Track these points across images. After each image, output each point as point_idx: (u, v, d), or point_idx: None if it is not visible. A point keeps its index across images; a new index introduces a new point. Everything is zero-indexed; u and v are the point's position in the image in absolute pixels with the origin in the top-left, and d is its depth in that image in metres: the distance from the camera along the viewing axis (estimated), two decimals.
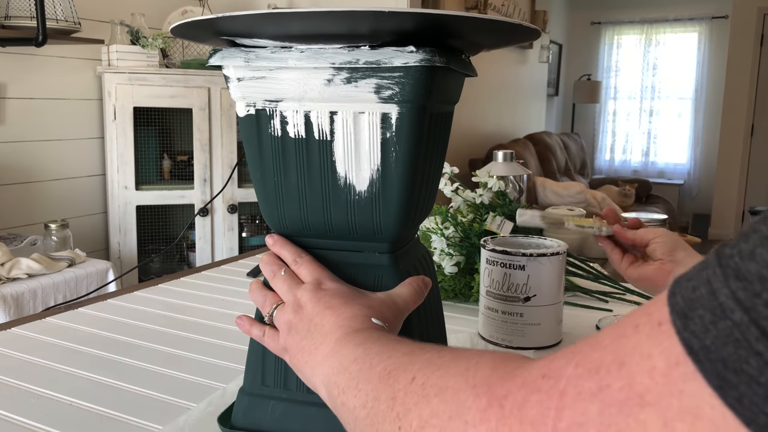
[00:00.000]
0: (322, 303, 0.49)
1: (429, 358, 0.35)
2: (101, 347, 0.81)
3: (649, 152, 6.74)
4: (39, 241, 2.12)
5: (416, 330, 0.56)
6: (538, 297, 0.79)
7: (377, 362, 0.38)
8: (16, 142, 2.41)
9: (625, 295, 1.02)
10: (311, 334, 0.48)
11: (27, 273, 1.86)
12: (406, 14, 0.44)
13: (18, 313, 1.76)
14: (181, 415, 0.62)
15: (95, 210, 2.71)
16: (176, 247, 2.89)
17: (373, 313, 0.48)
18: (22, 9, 2.19)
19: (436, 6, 3.76)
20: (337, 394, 0.41)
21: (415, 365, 0.35)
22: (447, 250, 0.97)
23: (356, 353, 0.41)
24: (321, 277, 0.52)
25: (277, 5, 2.96)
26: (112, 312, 0.95)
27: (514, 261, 0.78)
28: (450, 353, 0.35)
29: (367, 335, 0.44)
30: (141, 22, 2.65)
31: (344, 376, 0.41)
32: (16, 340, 0.83)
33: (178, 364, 0.76)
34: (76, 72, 2.58)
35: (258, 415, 0.57)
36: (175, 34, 0.52)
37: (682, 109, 6.50)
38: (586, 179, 5.94)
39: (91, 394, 0.68)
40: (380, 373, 0.37)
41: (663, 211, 4.91)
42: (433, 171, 0.58)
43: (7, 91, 2.36)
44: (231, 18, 0.46)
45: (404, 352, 0.38)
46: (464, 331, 0.86)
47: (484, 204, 1.06)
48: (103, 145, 2.69)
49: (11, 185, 2.40)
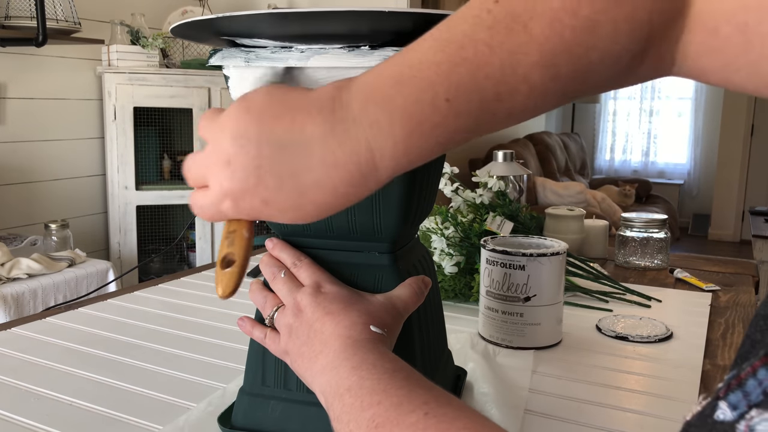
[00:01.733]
0: (321, 308, 0.49)
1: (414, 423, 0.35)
2: (101, 347, 0.81)
3: (649, 152, 6.74)
4: (39, 241, 2.12)
5: (416, 330, 0.56)
6: (538, 297, 0.79)
7: (367, 405, 0.39)
8: (16, 142, 2.41)
9: (625, 295, 1.02)
10: (311, 340, 0.48)
11: (27, 273, 1.86)
12: (406, 14, 0.44)
13: (18, 313, 1.76)
14: (181, 415, 0.62)
15: (95, 210, 2.71)
16: (176, 247, 2.89)
17: (372, 320, 0.48)
18: (22, 9, 2.19)
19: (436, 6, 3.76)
20: (333, 416, 0.41)
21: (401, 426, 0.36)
22: (447, 250, 0.97)
23: (350, 381, 0.42)
24: (320, 280, 0.52)
25: (277, 5, 2.96)
26: (112, 312, 0.95)
27: (514, 261, 0.78)
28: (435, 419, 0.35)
29: (363, 357, 0.44)
30: (141, 22, 2.65)
31: (338, 403, 0.41)
32: (16, 340, 0.83)
33: (178, 364, 0.76)
34: (76, 72, 2.58)
35: (258, 415, 0.57)
36: (175, 34, 0.52)
37: (682, 109, 6.50)
38: (586, 179, 5.94)
39: (91, 394, 0.68)
40: (368, 422, 0.37)
41: (663, 211, 4.91)
42: (433, 171, 0.58)
43: (7, 91, 2.36)
44: (231, 18, 0.46)
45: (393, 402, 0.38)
46: (464, 331, 0.86)
47: (484, 204, 1.06)
48: (103, 145, 2.69)
49: (11, 185, 2.40)
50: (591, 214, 1.49)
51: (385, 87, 0.34)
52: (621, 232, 1.25)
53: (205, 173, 0.38)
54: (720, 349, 0.82)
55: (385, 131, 0.34)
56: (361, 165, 0.35)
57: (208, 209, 0.39)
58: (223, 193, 0.37)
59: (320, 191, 0.36)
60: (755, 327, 0.26)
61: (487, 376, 0.70)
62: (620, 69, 0.33)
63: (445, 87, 0.33)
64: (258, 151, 0.36)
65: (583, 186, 4.55)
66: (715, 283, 1.10)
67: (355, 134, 0.34)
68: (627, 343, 0.83)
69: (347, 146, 0.35)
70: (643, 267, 1.21)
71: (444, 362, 0.65)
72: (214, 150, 0.38)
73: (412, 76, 0.33)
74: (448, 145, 0.35)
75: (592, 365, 0.76)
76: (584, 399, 0.67)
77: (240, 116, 0.37)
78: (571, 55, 0.32)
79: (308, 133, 0.35)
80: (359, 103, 0.35)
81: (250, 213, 0.38)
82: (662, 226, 1.23)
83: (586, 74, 0.33)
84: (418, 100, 0.33)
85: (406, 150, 0.34)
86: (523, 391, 0.68)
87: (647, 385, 0.71)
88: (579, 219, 1.26)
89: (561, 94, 0.34)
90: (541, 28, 0.31)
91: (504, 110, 0.34)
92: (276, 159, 0.35)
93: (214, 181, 0.38)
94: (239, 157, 0.36)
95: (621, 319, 0.91)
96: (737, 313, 0.96)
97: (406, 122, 0.33)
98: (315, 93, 0.36)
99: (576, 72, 0.32)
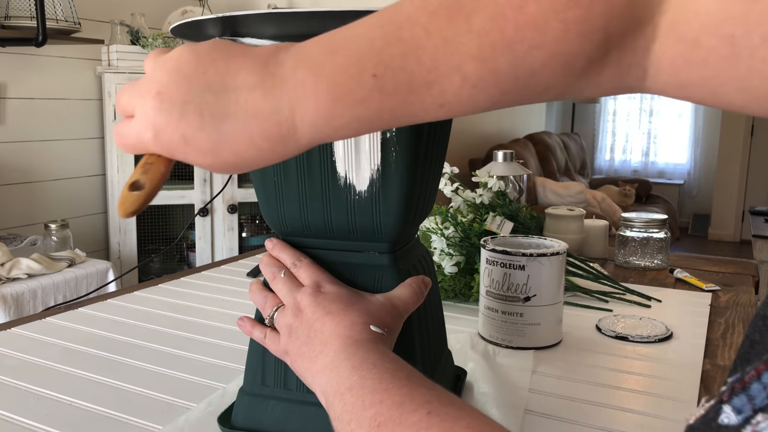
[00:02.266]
0: (321, 308, 0.49)
1: (417, 422, 0.36)
2: (101, 347, 0.81)
3: (649, 152, 6.74)
4: (39, 241, 2.12)
5: (416, 330, 0.56)
6: (538, 297, 0.79)
7: (369, 404, 0.39)
8: (16, 142, 2.41)
9: (625, 295, 1.02)
10: (311, 341, 0.48)
11: (27, 273, 1.86)
12: None
13: (18, 313, 1.76)
14: (181, 415, 0.62)
15: (95, 210, 2.71)
16: (176, 247, 2.89)
17: (372, 320, 0.48)
18: (22, 9, 2.19)
19: None
20: (333, 415, 0.42)
21: (403, 425, 0.36)
22: (447, 250, 0.97)
23: (351, 380, 0.42)
24: (320, 280, 0.52)
25: (277, 5, 2.96)
26: (112, 312, 0.95)
27: (514, 261, 0.78)
28: (437, 417, 0.36)
29: (363, 357, 0.44)
30: (141, 22, 2.65)
31: (339, 402, 0.42)
32: (16, 340, 0.83)
33: (178, 364, 0.76)
34: (76, 72, 2.58)
35: (258, 415, 0.57)
36: (175, 34, 0.52)
37: (682, 109, 6.50)
38: (586, 179, 5.94)
39: (91, 394, 0.68)
40: (370, 421, 0.38)
41: (663, 211, 4.91)
42: (433, 171, 0.58)
43: (7, 91, 2.36)
44: (231, 18, 0.46)
45: (395, 401, 0.38)
46: (464, 331, 0.86)
47: (484, 204, 1.06)
48: (103, 145, 2.69)
49: (11, 185, 2.40)
50: (591, 214, 1.49)
51: (318, 54, 0.35)
52: (621, 232, 1.25)
53: (134, 102, 0.38)
54: (720, 349, 0.82)
55: (309, 95, 0.34)
56: (281, 123, 0.35)
57: (130, 138, 0.39)
58: (147, 122, 0.37)
59: (238, 139, 0.36)
60: (754, 328, 0.26)
61: (487, 376, 0.70)
62: (574, 74, 0.32)
63: (374, 63, 0.33)
64: (189, 87, 0.36)
65: (583, 186, 4.55)
66: (715, 283, 1.10)
67: (280, 91, 0.35)
68: (627, 343, 0.83)
69: (271, 100, 0.35)
70: (643, 267, 1.21)
71: (444, 362, 0.65)
72: (149, 80, 0.38)
73: (345, 48, 0.34)
74: (373, 123, 0.35)
75: (592, 365, 0.76)
76: (584, 399, 0.67)
77: (182, 55, 0.38)
78: (511, 51, 0.31)
79: (239, 80, 0.36)
80: (292, 63, 0.35)
81: (169, 148, 0.37)
82: (662, 226, 1.23)
83: (530, 74, 0.32)
84: (346, 71, 0.34)
85: (328, 119, 0.35)
86: (523, 391, 0.68)
87: (647, 385, 0.71)
88: (579, 219, 1.26)
89: (500, 91, 0.33)
90: (483, 20, 0.31)
91: (433, 98, 0.34)
92: (203, 99, 0.36)
93: (141, 110, 0.38)
94: (170, 89, 0.37)
95: (621, 319, 0.91)
96: (737, 313, 0.96)
97: (331, 90, 0.34)
98: (257, 49, 0.38)
99: (516, 69, 0.32)
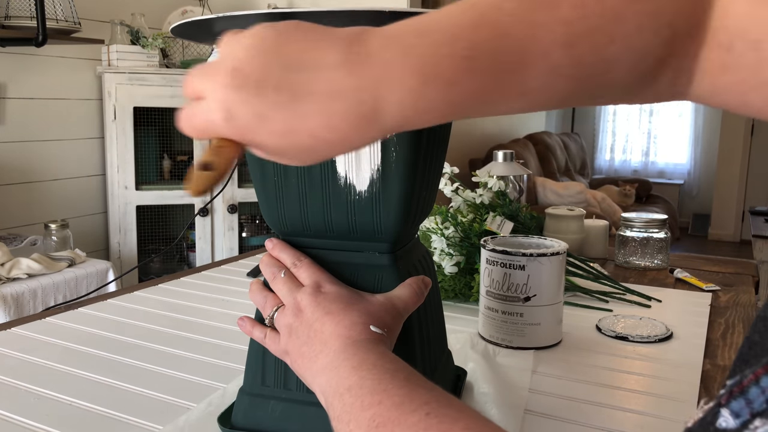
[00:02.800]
0: (321, 308, 0.49)
1: (415, 423, 0.36)
2: (101, 347, 0.81)
3: (649, 152, 6.74)
4: (39, 241, 2.12)
5: (416, 330, 0.56)
6: (538, 297, 0.79)
7: (368, 405, 0.39)
8: (16, 142, 2.41)
9: (625, 295, 1.02)
10: (311, 340, 0.48)
11: (27, 273, 1.86)
12: (406, 14, 0.44)
13: (18, 313, 1.76)
14: (181, 415, 0.62)
15: (95, 210, 2.71)
16: (176, 247, 2.89)
17: (372, 320, 0.48)
18: (22, 9, 2.19)
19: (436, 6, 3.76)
20: (332, 416, 0.42)
21: (402, 426, 0.37)
22: (447, 250, 0.97)
23: (351, 380, 0.42)
24: (320, 280, 0.52)
25: (277, 5, 2.96)
26: (112, 312, 0.95)
27: (514, 261, 0.78)
28: (436, 418, 0.36)
29: (363, 357, 0.44)
30: (141, 22, 2.65)
31: (338, 402, 0.42)
32: (16, 340, 0.83)
33: (178, 364, 0.76)
34: (76, 72, 2.58)
35: (258, 415, 0.57)
36: (175, 34, 0.52)
37: (682, 108, 6.50)
38: (586, 179, 5.94)
39: (91, 394, 0.68)
40: (369, 422, 0.38)
41: (663, 211, 4.91)
42: (433, 171, 0.58)
43: (7, 91, 2.36)
44: (231, 18, 0.46)
45: (394, 402, 0.38)
46: (464, 331, 0.86)
47: (484, 204, 1.06)
48: (103, 145, 2.69)
49: (11, 185, 2.40)
50: (591, 214, 1.49)
51: (406, 35, 0.34)
52: (621, 232, 1.25)
53: (205, 82, 0.36)
54: (720, 349, 0.82)
55: (396, 75, 0.33)
56: (364, 104, 0.34)
57: (198, 119, 0.36)
58: (218, 100, 0.35)
59: (316, 119, 0.34)
60: (754, 329, 0.26)
61: (487, 376, 0.70)
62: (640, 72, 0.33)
63: (465, 44, 0.32)
64: (267, 63, 0.34)
65: (583, 186, 4.55)
66: (715, 283, 1.10)
67: (366, 71, 0.33)
68: (627, 343, 0.83)
69: (354, 80, 0.33)
70: (643, 267, 1.21)
71: (444, 362, 0.65)
72: (223, 59, 0.35)
73: (436, 30, 0.33)
74: (456, 110, 0.34)
75: (592, 365, 0.76)
76: (584, 399, 0.67)
77: (261, 31, 0.36)
78: (593, 41, 0.32)
79: (320, 58, 0.34)
80: (379, 43, 0.34)
81: (241, 129, 0.35)
82: (662, 226, 1.23)
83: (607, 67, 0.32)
84: (437, 52, 0.33)
85: (414, 102, 0.33)
86: (523, 391, 0.68)
87: (647, 385, 0.71)
88: (579, 219, 1.26)
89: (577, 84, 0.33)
90: (568, 8, 0.32)
91: (517, 85, 0.33)
92: (282, 76, 0.34)
93: (212, 89, 0.35)
94: (246, 65, 0.34)
95: (621, 319, 0.91)
96: (737, 313, 0.96)
97: (420, 71, 0.33)
98: (340, 29, 0.36)
99: (597, 61, 0.32)
